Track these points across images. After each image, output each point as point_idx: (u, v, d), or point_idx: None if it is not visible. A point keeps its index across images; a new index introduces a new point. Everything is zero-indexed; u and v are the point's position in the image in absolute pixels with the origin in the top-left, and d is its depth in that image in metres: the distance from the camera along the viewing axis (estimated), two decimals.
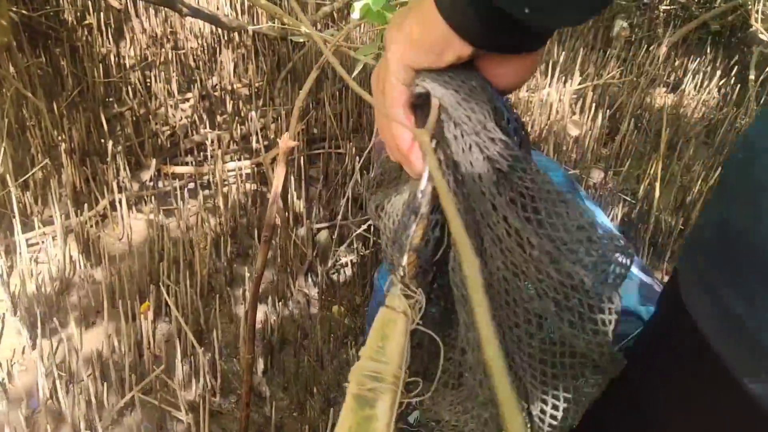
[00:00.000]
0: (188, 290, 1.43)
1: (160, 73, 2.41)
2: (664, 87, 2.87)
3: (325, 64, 2.61)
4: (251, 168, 1.97)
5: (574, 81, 2.49)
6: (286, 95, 2.40)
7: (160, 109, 2.28)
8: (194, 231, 1.70)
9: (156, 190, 1.87)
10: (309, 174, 2.04)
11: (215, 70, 2.52)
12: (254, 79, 2.46)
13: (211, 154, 1.99)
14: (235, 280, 1.62)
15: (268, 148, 2.11)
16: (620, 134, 2.23)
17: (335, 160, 2.04)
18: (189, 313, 1.43)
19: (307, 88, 1.39)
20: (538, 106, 2.33)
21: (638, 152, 2.32)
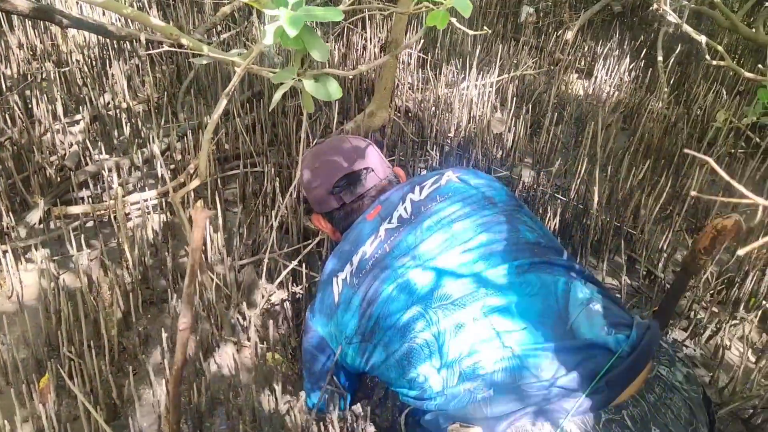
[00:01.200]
0: (94, 359, 1.21)
1: (42, 93, 2.11)
2: (578, 73, 2.83)
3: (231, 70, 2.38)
4: (158, 198, 1.74)
5: (492, 74, 2.39)
6: (190, 109, 2.16)
7: (45, 135, 1.99)
8: (96, 281, 1.46)
9: (47, 234, 1.60)
10: (225, 198, 1.83)
11: (106, 86, 2.24)
12: (152, 93, 2.20)
13: (108, 185, 1.74)
14: (151, 336, 1.40)
15: (175, 173, 1.87)
16: (543, 129, 2.14)
17: (253, 179, 1.84)
18: (98, 386, 1.21)
19: (213, 123, 1.20)
20: (459, 103, 2.21)
21: (562, 145, 2.25)
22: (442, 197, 1.15)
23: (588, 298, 0.99)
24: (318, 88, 1.06)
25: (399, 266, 1.06)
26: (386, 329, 1.03)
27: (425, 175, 1.25)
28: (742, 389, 1.37)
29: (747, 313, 1.55)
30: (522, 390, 0.89)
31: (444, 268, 1.04)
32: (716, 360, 1.47)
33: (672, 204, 1.96)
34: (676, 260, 1.76)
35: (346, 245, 1.18)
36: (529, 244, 1.07)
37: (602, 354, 0.91)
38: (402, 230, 1.12)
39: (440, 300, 1.00)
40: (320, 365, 1.17)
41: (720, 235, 1.22)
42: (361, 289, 1.08)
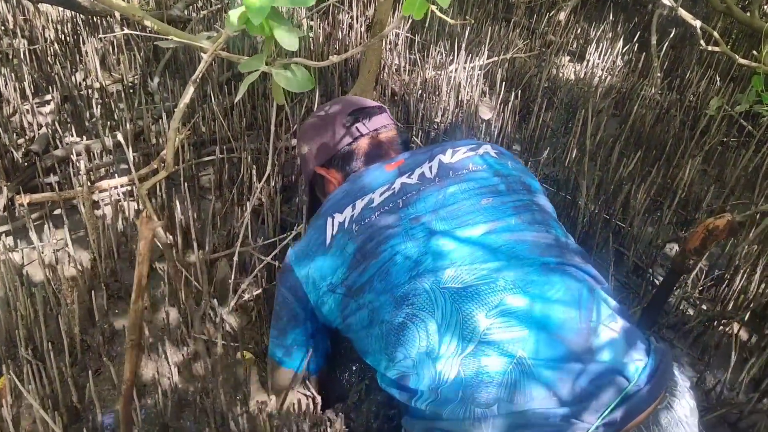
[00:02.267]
0: (53, 360, 1.14)
1: (11, 72, 2.01)
2: (569, 56, 2.75)
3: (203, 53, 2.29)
4: (129, 185, 1.66)
5: (482, 56, 2.31)
6: (166, 89, 2.07)
7: (14, 116, 1.90)
8: (61, 274, 1.39)
9: (10, 223, 1.52)
10: (200, 184, 1.75)
11: (78, 64, 2.14)
12: (126, 72, 2.10)
13: (77, 170, 1.65)
14: (117, 332, 1.33)
15: (149, 158, 1.79)
16: (533, 115, 2.07)
17: (229, 166, 1.76)
18: (58, 389, 1.14)
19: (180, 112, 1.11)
20: (446, 86, 2.13)
21: (552, 132, 2.18)
22: (475, 167, 1.05)
23: (608, 315, 0.89)
24: (288, 78, 0.99)
25: (411, 227, 0.97)
26: (380, 292, 0.94)
27: (459, 141, 1.16)
28: (730, 393, 1.33)
29: (737, 312, 1.51)
30: (529, 416, 0.80)
31: (462, 244, 0.93)
32: (704, 361, 1.42)
33: (663, 195, 1.90)
34: (665, 255, 1.70)
35: (353, 187, 1.09)
36: (558, 243, 0.97)
37: (617, 382, 0.82)
38: (422, 190, 1.02)
39: (451, 281, 0.90)
40: (288, 312, 1.08)
41: (711, 235, 1.17)
42: (360, 239, 0.98)
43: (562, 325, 0.85)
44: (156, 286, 1.43)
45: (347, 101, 1.27)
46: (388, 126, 1.23)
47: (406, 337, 0.90)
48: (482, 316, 0.86)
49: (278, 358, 1.12)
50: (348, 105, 1.24)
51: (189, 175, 1.72)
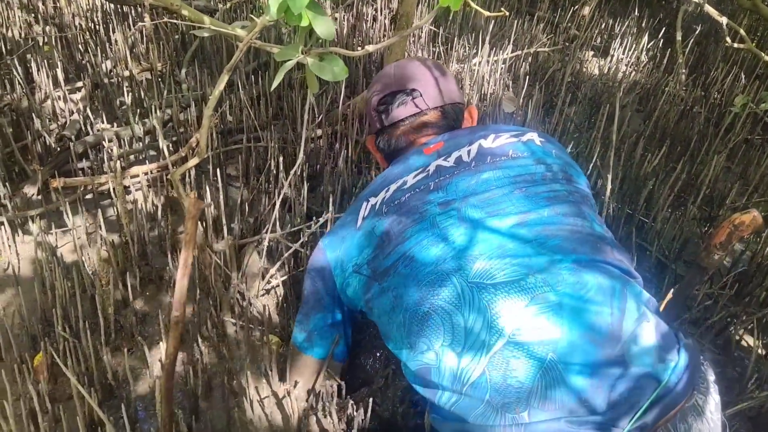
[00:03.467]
0: (89, 338, 1.18)
1: (43, 59, 2.05)
2: (593, 51, 2.75)
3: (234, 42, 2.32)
4: (158, 171, 1.69)
5: (505, 50, 2.31)
6: (194, 79, 2.10)
7: (46, 102, 1.94)
8: (94, 256, 1.42)
9: (45, 206, 1.56)
10: (227, 172, 1.79)
11: (108, 52, 2.18)
12: (156, 62, 2.14)
13: (109, 157, 1.69)
14: (148, 314, 1.37)
15: (177, 145, 1.82)
16: (556, 109, 2.08)
17: (255, 155, 1.79)
18: (93, 366, 1.18)
19: (215, 99, 1.14)
20: (470, 80, 2.14)
21: (575, 127, 2.19)
22: (515, 153, 1.01)
23: (641, 313, 0.86)
24: (322, 68, 1.01)
25: (440, 212, 0.94)
26: (404, 278, 0.91)
27: (505, 126, 1.12)
28: (752, 387, 1.33)
29: (759, 308, 1.51)
30: (561, 425, 0.79)
31: (491, 235, 0.90)
32: (726, 356, 1.43)
33: (686, 191, 1.90)
34: (688, 250, 1.71)
35: (391, 172, 1.08)
36: (593, 237, 0.92)
37: (650, 385, 0.81)
38: (456, 173, 0.99)
39: (480, 275, 0.86)
40: (314, 295, 1.09)
41: (737, 230, 1.17)
42: (388, 220, 0.97)
43: (594, 326, 0.82)
44: None
45: (385, 81, 1.19)
46: (421, 113, 1.16)
47: (430, 329, 0.88)
48: (511, 315, 0.83)
49: (299, 343, 1.13)
50: (383, 87, 1.19)
51: (216, 163, 1.75)
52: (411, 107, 1.16)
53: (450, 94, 1.18)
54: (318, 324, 1.10)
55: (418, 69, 1.18)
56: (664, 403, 0.80)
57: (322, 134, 1.85)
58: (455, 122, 1.18)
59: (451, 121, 1.17)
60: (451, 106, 1.18)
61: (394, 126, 1.17)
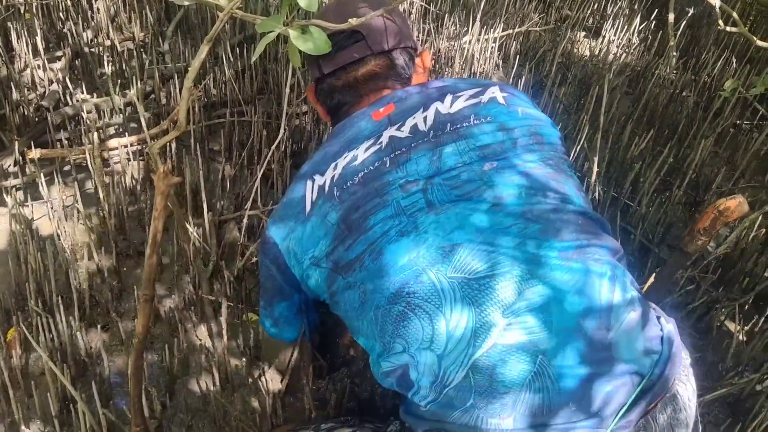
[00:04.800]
0: (62, 313, 1.15)
1: (23, 27, 1.99)
2: (585, 31, 2.71)
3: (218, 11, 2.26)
4: (138, 144, 1.65)
5: (496, 29, 2.27)
6: (177, 50, 2.05)
7: (25, 71, 1.88)
8: (70, 230, 1.39)
9: (21, 177, 1.52)
10: (210, 147, 1.75)
11: (90, 21, 2.11)
12: (138, 31, 2.08)
13: (87, 128, 1.65)
14: (125, 290, 1.34)
15: (158, 118, 1.78)
16: (546, 90, 2.05)
17: (239, 129, 1.75)
18: (67, 342, 1.15)
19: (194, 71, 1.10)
20: (460, 58, 2.10)
21: (564, 108, 2.16)
22: (477, 119, 0.90)
23: (629, 300, 0.80)
24: (305, 41, 0.97)
25: (403, 195, 0.84)
26: (373, 273, 0.82)
27: (463, 82, 0.99)
28: (731, 374, 1.33)
29: (741, 294, 1.51)
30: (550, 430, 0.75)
31: (465, 222, 0.81)
32: (706, 341, 1.43)
33: (673, 176, 1.89)
34: (673, 234, 1.70)
35: (335, 142, 0.95)
36: (576, 215, 0.84)
37: (634, 380, 0.77)
38: (414, 147, 0.88)
39: (460, 269, 0.78)
40: (273, 285, 0.98)
41: (722, 216, 1.16)
42: (343, 207, 0.86)
43: (584, 322, 0.76)
44: (165, 247, 1.43)
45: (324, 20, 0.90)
46: (364, 60, 1.00)
47: (407, 329, 0.79)
48: (498, 313, 0.76)
49: (267, 328, 1.07)
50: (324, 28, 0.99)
51: (199, 137, 1.71)
52: (351, 52, 1.00)
53: (399, 36, 1.03)
54: (283, 312, 1.03)
55: (361, 7, 1.02)
56: (648, 397, 0.77)
57: (308, 110, 1.81)
58: (405, 72, 1.03)
59: (400, 71, 1.02)
60: (400, 52, 1.03)
61: (334, 75, 1.01)
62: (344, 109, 1.03)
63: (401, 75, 1.03)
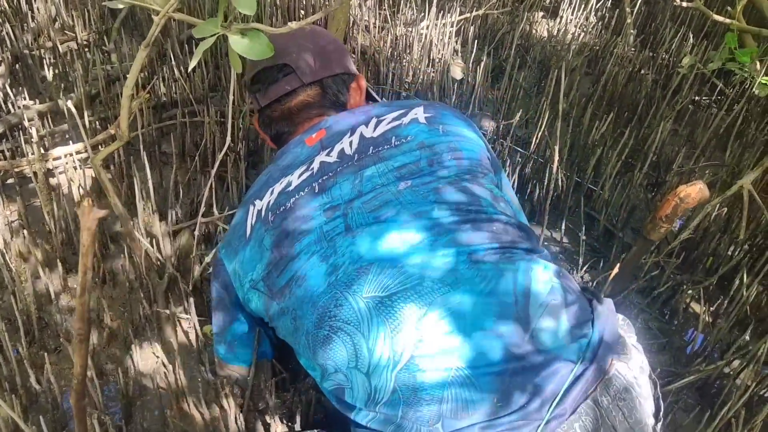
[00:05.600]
0: (7, 340, 1.08)
1: None
2: (543, 12, 2.67)
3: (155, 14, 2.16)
4: (86, 151, 1.57)
5: (454, 12, 2.22)
6: (125, 48, 1.95)
7: None
8: (14, 248, 1.31)
9: None
10: (162, 150, 1.67)
11: (29, 22, 2.00)
12: (80, 30, 1.98)
13: (30, 137, 1.56)
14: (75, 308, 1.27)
15: (106, 122, 1.70)
16: (506, 74, 2.01)
17: (192, 130, 1.68)
18: (15, 370, 1.09)
19: (135, 72, 1.04)
20: (418, 45, 2.05)
21: (525, 92, 2.13)
22: (398, 141, 0.92)
23: (549, 289, 0.81)
24: (245, 45, 0.91)
25: (326, 221, 0.86)
26: (300, 300, 0.84)
27: (390, 106, 1.01)
28: (700, 359, 1.33)
29: (706, 276, 1.50)
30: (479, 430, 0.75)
31: (381, 242, 0.82)
32: (671, 325, 1.42)
33: (634, 157, 1.88)
34: (636, 217, 1.69)
35: (274, 168, 0.98)
36: (489, 223, 0.85)
37: (565, 368, 0.76)
38: (339, 172, 0.90)
39: (374, 288, 0.79)
40: (223, 309, 1.00)
41: (683, 203, 1.14)
42: (276, 232, 0.88)
43: (499, 321, 0.77)
44: (117, 259, 1.37)
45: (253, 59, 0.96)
46: (295, 92, 1.04)
47: (333, 351, 0.81)
48: (411, 326, 0.77)
49: (222, 355, 1.06)
50: (255, 63, 1.07)
51: (150, 140, 1.64)
52: (283, 85, 1.04)
53: (330, 64, 1.06)
54: (235, 334, 1.01)
55: (291, 39, 1.05)
56: (581, 382, 0.76)
57: None
58: (339, 98, 1.06)
59: (333, 98, 1.06)
60: (332, 80, 1.06)
61: (270, 107, 1.06)
62: (284, 138, 1.06)
63: (335, 102, 1.06)
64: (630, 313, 1.42)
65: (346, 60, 1.11)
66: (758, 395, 1.25)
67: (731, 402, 1.13)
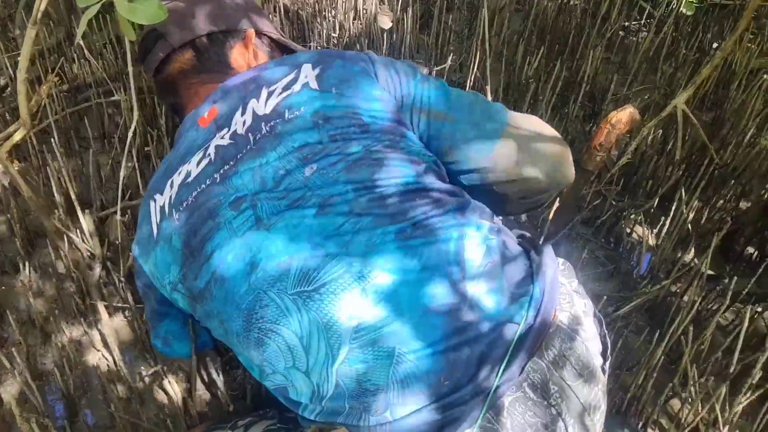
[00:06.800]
0: None
1: None
2: None
3: None
4: None
5: None
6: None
7: None
8: None
9: None
10: (81, 135, 1.57)
11: None
12: None
13: None
14: (4, 309, 1.19)
15: (16, 113, 1.58)
16: (434, 18, 1.94)
17: (113, 111, 1.58)
18: None
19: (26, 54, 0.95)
20: None
21: (456, 35, 2.07)
22: (291, 113, 0.82)
23: (484, 252, 0.75)
24: (133, 10, 0.83)
25: (234, 215, 0.78)
26: (223, 302, 0.77)
27: (278, 65, 0.89)
28: (646, 279, 1.33)
29: (647, 200, 1.50)
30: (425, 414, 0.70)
31: (297, 232, 0.75)
32: (617, 251, 1.42)
33: (569, 90, 1.85)
34: (575, 149, 1.66)
35: (174, 154, 0.88)
36: (412, 194, 0.78)
37: (509, 329, 0.72)
38: (240, 159, 0.81)
39: (299, 283, 0.72)
40: (150, 306, 0.93)
41: (615, 129, 1.11)
42: (184, 231, 0.80)
43: (435, 297, 0.72)
44: (45, 253, 1.29)
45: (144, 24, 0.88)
46: (169, 58, 0.93)
47: (267, 353, 0.75)
48: (345, 316, 0.71)
49: (159, 349, 0.99)
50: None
51: (66, 126, 1.53)
52: (156, 53, 0.93)
53: (203, 22, 0.94)
54: (169, 330, 0.95)
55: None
56: (527, 343, 0.71)
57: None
58: (219, 60, 0.95)
59: (212, 63, 0.94)
60: (207, 39, 0.94)
61: (156, 79, 0.96)
62: (178, 110, 0.97)
63: (216, 64, 0.95)
64: (576, 245, 1.41)
65: (234, 15, 0.98)
66: (706, 309, 1.26)
67: (679, 319, 1.14)
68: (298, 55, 0.93)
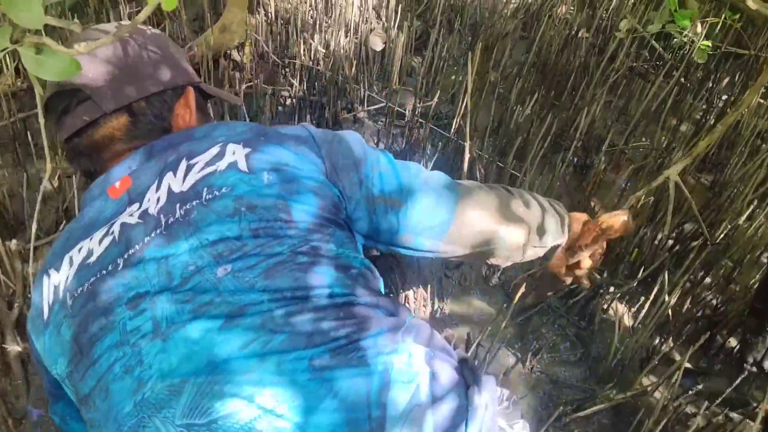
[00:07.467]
0: None
1: None
2: None
3: None
4: None
5: None
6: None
7: None
8: None
9: None
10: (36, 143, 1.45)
11: None
12: None
13: None
14: None
15: None
16: (431, 42, 1.80)
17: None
18: None
19: None
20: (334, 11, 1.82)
21: (454, 61, 1.93)
22: (211, 192, 0.70)
23: (414, 390, 0.65)
24: (42, 63, 0.70)
25: (130, 316, 0.66)
26: (104, 415, 0.65)
27: (204, 136, 0.78)
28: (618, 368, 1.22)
29: (628, 279, 1.38)
30: None
31: (198, 351, 0.63)
32: (589, 331, 1.30)
33: (563, 136, 1.72)
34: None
35: (77, 226, 0.76)
36: (335, 309, 0.67)
37: None
38: (146, 244, 0.69)
39: (190, 414, 0.61)
40: (46, 384, 0.81)
41: (604, 233, 1.00)
42: (75, 322, 0.69)
43: None
44: None
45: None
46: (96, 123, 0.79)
47: None
48: None
49: (57, 423, 0.87)
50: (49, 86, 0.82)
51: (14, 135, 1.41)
52: (79, 116, 0.78)
53: (142, 82, 0.81)
54: (66, 411, 0.83)
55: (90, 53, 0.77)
56: None
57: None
58: (157, 124, 0.82)
59: (149, 125, 0.81)
60: (146, 102, 0.81)
61: (71, 141, 0.80)
62: (95, 176, 0.81)
63: (153, 129, 0.81)
64: (545, 320, 1.30)
65: (174, 69, 0.85)
66: (678, 411, 1.15)
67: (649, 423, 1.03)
68: (229, 125, 0.80)
